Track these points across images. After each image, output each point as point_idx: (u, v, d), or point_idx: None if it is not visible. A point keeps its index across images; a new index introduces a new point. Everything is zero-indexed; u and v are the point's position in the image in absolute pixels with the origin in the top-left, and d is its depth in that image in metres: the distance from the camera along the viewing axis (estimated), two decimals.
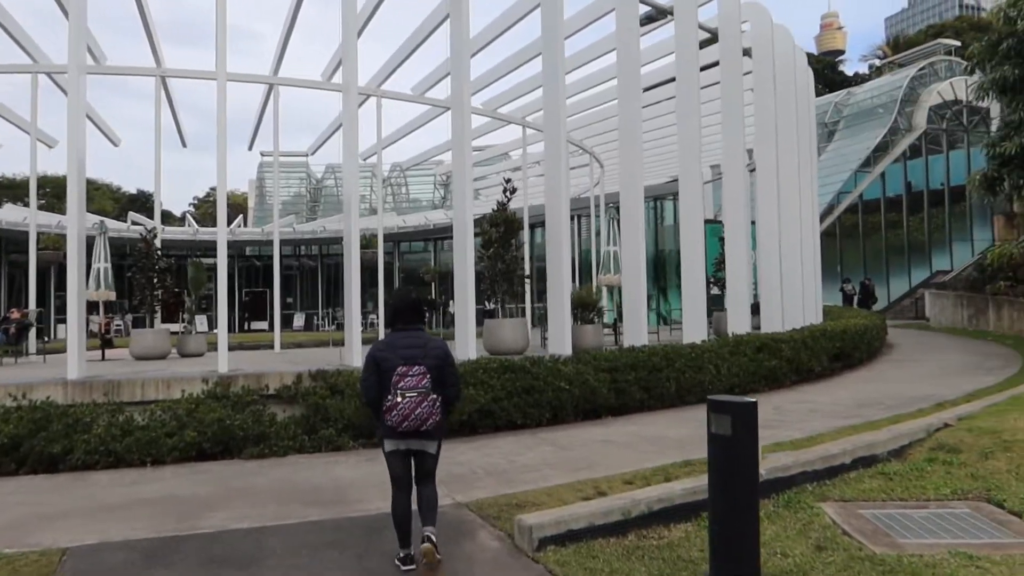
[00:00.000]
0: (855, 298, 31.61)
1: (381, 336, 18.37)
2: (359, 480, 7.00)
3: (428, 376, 4.59)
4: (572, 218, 23.25)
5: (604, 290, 16.82)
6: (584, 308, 12.13)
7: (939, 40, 43.66)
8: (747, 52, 15.71)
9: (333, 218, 42.62)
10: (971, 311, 25.30)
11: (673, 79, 16.18)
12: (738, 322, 14.22)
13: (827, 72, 61.73)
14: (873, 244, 38.76)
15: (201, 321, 40.52)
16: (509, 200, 12.13)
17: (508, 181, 12.33)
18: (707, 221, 31.57)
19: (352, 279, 10.91)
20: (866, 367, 15.00)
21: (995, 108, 37.53)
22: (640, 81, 13.74)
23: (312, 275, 43.30)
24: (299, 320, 40.62)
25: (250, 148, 21.38)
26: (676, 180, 28.98)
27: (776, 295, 15.79)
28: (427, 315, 7.88)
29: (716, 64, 15.68)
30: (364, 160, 21.47)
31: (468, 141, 11.77)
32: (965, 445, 6.54)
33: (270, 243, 18.52)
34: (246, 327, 41.13)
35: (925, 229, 38.52)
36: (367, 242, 22.89)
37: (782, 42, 17.03)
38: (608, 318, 16.09)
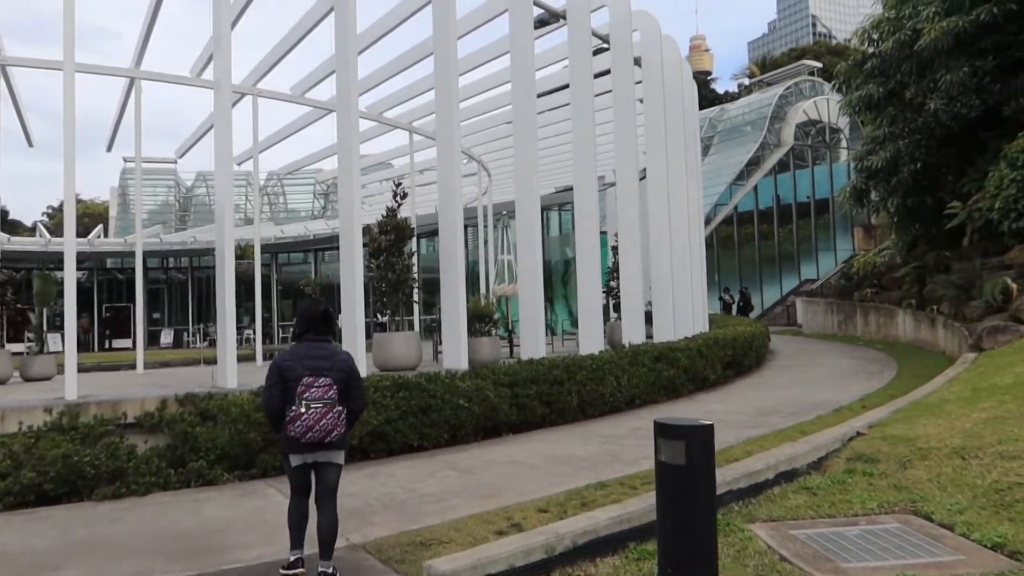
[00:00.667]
0: (733, 306, 32.65)
1: (259, 354, 17.15)
2: (236, 521, 6.08)
3: (334, 388, 4.56)
4: None
5: (494, 301, 16.32)
6: (480, 320, 11.54)
7: (803, 61, 46.18)
8: (637, 61, 15.66)
9: (204, 228, 40.19)
10: (840, 317, 26.51)
11: (565, 86, 15.95)
12: (633, 332, 14.02)
13: (700, 90, 64.34)
14: (747, 254, 40.31)
15: (55, 340, 37.30)
16: (400, 205, 11.38)
17: (399, 185, 11.57)
18: None
19: (225, 293, 9.85)
20: (756, 374, 15.17)
21: (846, 126, 40.18)
22: (535, 85, 13.33)
23: (181, 289, 40.65)
24: (167, 337, 38.01)
25: (109, 149, 19.54)
26: (562, 191, 29.14)
27: (668, 304, 15.75)
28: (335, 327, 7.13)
29: (607, 72, 15.54)
30: (239, 165, 20.09)
31: (356, 144, 10.96)
32: (882, 454, 6.37)
33: (133, 255, 16.86)
34: (107, 345, 38.06)
35: (794, 240, 40.42)
36: (242, 253, 21.45)
37: (670, 51, 17.16)
38: (503, 330, 15.61)
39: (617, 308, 16.89)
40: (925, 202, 20.98)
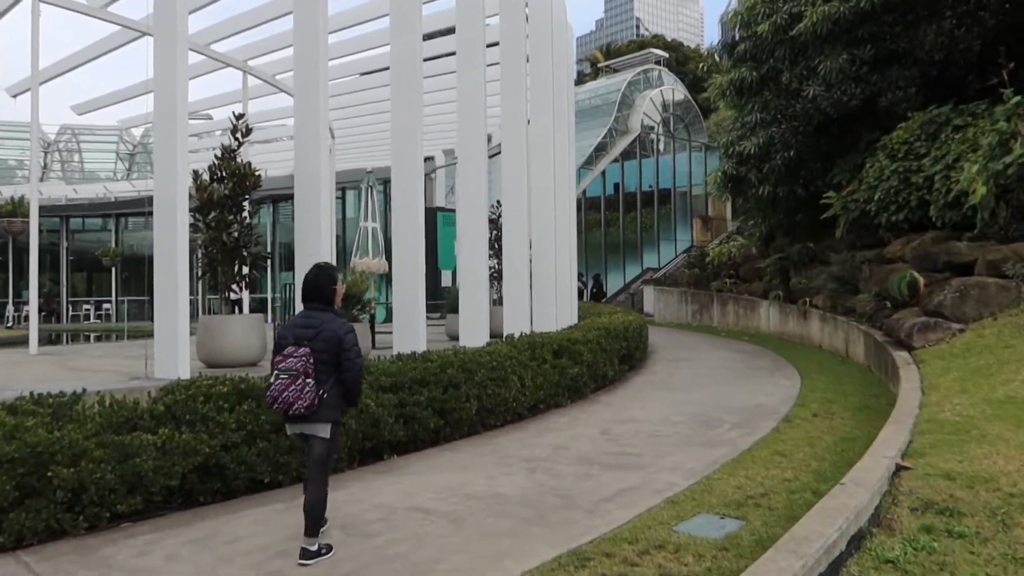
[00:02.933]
0: (586, 292, 31.57)
1: (34, 338, 13.30)
2: None
3: (308, 359, 4.36)
4: None
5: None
6: (349, 303, 8.88)
7: (650, 50, 46.19)
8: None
9: None
10: (695, 307, 25.99)
11: (447, 30, 13.51)
12: (516, 321, 11.94)
13: None
14: (593, 240, 39.62)
15: None
16: (240, 145, 8.43)
17: (240, 117, 8.57)
18: (440, 209, 29.41)
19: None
20: (647, 369, 13.56)
21: (691, 116, 40.44)
22: (421, 27, 10.80)
23: None
24: None
25: None
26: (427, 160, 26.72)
27: (550, 287, 13.79)
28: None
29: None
30: (14, 97, 15.81)
31: (183, 69, 7.99)
32: (959, 502, 4.61)
33: None
34: None
35: (637, 228, 40.23)
36: (14, 209, 17.05)
37: (558, 8, 15.15)
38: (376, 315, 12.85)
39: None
40: (795, 191, 20.50)
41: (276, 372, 4.37)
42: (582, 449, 7.16)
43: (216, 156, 8.16)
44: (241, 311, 8.99)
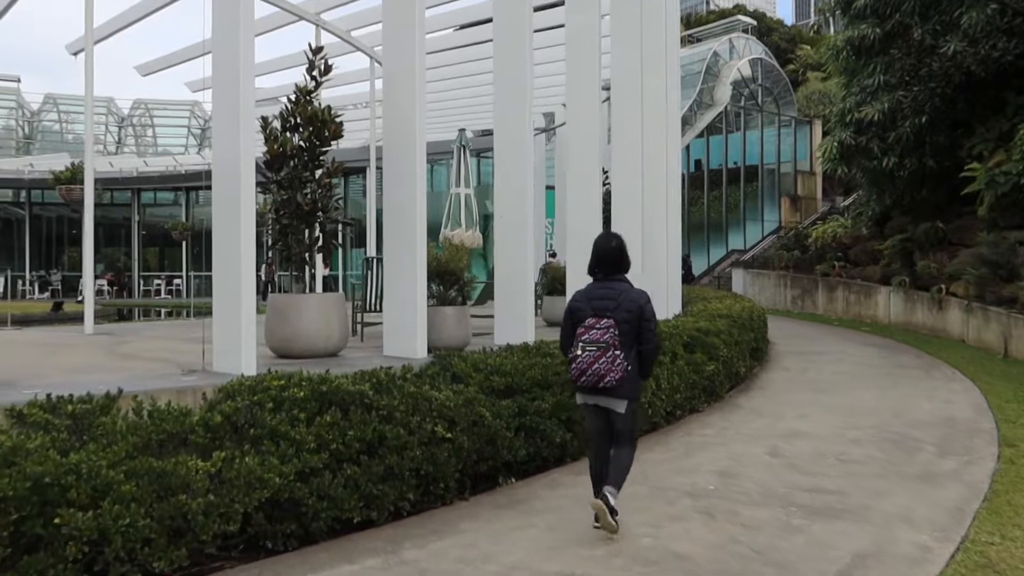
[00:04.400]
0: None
1: (89, 317, 12.08)
2: None
3: (613, 330, 4.24)
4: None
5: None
6: (444, 280, 7.28)
7: (737, 16, 43.35)
8: None
9: (47, 156, 33.49)
10: (796, 292, 23.76)
11: None
12: (663, 308, 10.26)
13: None
14: None
15: None
16: (318, 85, 6.87)
17: (319, 51, 6.93)
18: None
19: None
20: (776, 364, 11.66)
21: (781, 87, 37.60)
22: None
23: (17, 227, 33.72)
24: None
25: None
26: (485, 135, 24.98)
27: (661, 271, 12.01)
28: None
29: None
30: (74, 55, 14.73)
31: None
32: None
33: None
34: None
35: (722, 207, 37.87)
36: (72, 176, 16.07)
37: None
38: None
39: None
40: (923, 163, 18.13)
41: (581, 344, 4.27)
42: (758, 479, 5.44)
43: (288, 100, 6.63)
44: (313, 290, 7.51)
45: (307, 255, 6.60)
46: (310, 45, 6.77)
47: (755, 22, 41.88)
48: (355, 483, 4.40)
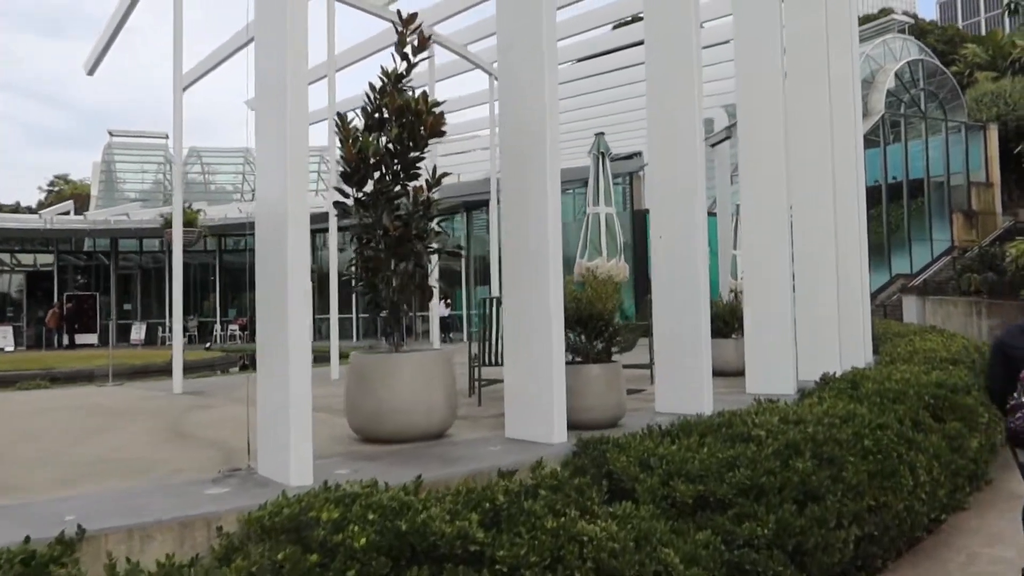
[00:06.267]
0: None
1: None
2: None
3: None
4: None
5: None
6: (588, 327, 5.20)
7: (892, 16, 39.39)
8: None
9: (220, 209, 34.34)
10: (995, 321, 20.06)
11: None
12: (855, 350, 7.83)
13: None
14: None
15: (3, 335, 31.36)
16: (411, 67, 5.03)
17: (410, 21, 5.12)
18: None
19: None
20: None
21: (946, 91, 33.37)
22: None
23: (157, 275, 34.59)
24: (138, 332, 31.89)
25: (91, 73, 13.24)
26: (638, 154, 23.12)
27: (857, 303, 9.46)
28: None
29: None
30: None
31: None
32: None
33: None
34: (68, 342, 31.98)
35: (883, 227, 33.86)
36: (187, 218, 15.35)
37: None
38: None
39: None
40: None
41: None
42: None
43: (370, 88, 4.86)
44: (427, 336, 5.64)
45: (396, 298, 4.74)
46: (399, 13, 5.00)
47: (911, 20, 37.79)
48: None
